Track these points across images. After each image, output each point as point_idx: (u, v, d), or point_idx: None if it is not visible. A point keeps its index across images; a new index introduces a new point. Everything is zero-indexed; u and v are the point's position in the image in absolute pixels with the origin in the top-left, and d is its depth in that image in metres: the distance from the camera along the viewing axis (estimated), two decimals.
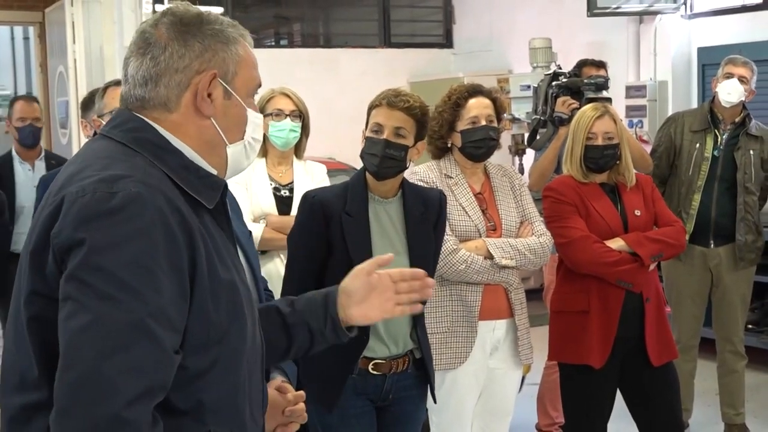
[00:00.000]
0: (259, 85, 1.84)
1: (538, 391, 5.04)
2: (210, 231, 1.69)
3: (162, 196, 1.59)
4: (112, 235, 1.53)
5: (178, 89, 1.71)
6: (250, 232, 2.45)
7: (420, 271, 2.03)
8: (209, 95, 1.72)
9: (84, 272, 1.52)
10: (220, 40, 1.74)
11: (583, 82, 4.91)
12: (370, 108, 3.16)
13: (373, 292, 1.99)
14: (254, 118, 1.82)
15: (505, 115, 3.75)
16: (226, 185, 1.79)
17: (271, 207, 3.93)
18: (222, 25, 1.76)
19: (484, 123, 3.57)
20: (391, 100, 3.09)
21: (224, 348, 1.67)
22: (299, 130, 4.02)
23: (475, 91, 3.62)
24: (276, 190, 4.00)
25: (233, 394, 1.71)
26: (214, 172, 1.76)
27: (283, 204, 3.96)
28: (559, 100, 4.88)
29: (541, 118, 5.12)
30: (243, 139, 1.80)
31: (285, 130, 3.96)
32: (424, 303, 3.17)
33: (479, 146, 3.58)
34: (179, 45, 1.71)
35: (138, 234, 1.54)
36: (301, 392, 2.17)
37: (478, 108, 3.58)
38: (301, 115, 4.03)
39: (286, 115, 3.98)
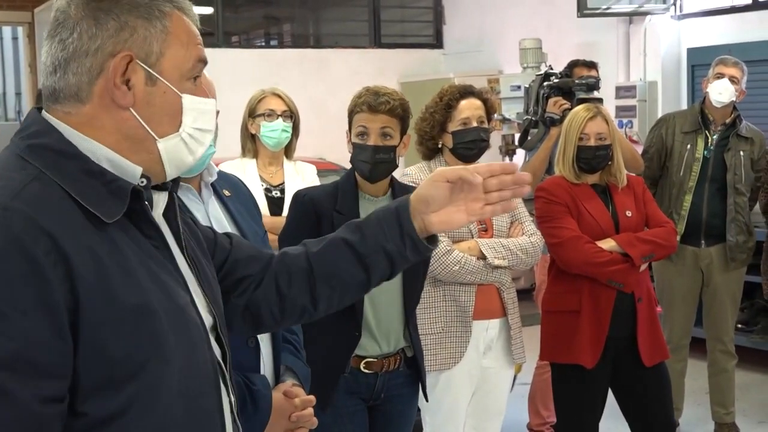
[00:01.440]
0: (203, 62, 1.55)
1: (529, 390, 5.05)
2: (117, 246, 1.42)
3: (24, 222, 1.32)
4: None
5: (88, 76, 1.44)
6: (265, 231, 2.43)
7: (512, 165, 1.79)
8: (127, 82, 1.45)
9: None
10: (141, 15, 1.46)
11: (574, 83, 4.92)
12: (352, 112, 3.15)
13: (456, 195, 1.73)
14: (198, 104, 1.53)
15: (495, 115, 3.76)
16: (138, 190, 1.48)
17: (262, 208, 3.92)
18: None
19: (475, 124, 3.58)
20: (372, 104, 3.07)
21: (141, 383, 1.39)
22: (291, 130, 4.02)
23: (467, 92, 3.62)
24: (267, 191, 3.99)
25: None
26: (139, 171, 1.48)
27: (275, 205, 3.96)
28: (551, 100, 4.89)
29: (533, 118, 5.13)
30: (178, 131, 1.51)
31: (277, 131, 3.96)
32: (417, 300, 3.22)
33: (470, 147, 3.58)
34: (89, 24, 1.44)
35: None
36: (311, 397, 2.14)
37: (469, 109, 3.59)
38: (292, 115, 4.03)
39: (278, 116, 3.98)
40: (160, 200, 1.56)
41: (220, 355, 1.60)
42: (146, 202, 1.49)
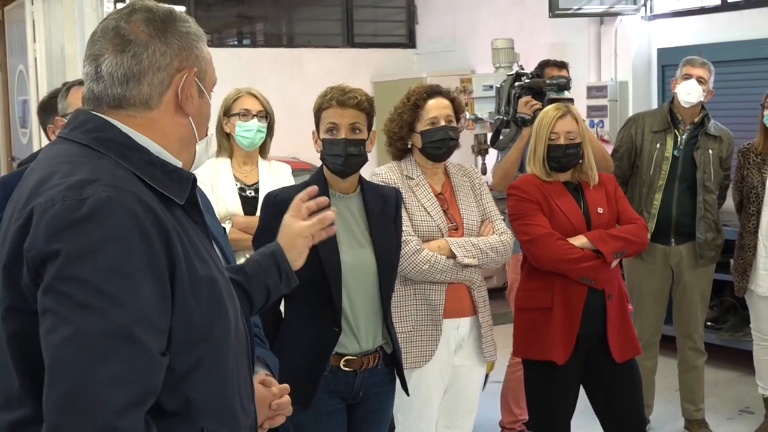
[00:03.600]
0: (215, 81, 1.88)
1: (501, 388, 5.07)
2: (184, 227, 1.67)
3: (133, 198, 1.56)
4: (86, 243, 1.50)
5: (160, 87, 1.71)
6: (224, 228, 2.46)
7: (311, 190, 2.32)
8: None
9: (61, 283, 1.49)
10: (192, 39, 1.76)
11: (545, 83, 4.94)
12: (319, 110, 3.18)
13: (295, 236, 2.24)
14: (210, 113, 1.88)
15: (467, 115, 3.78)
16: (194, 178, 1.77)
17: (236, 207, 3.93)
18: (190, 23, 1.77)
19: (443, 123, 3.60)
20: (340, 99, 3.12)
21: (209, 345, 1.66)
22: (266, 130, 4.02)
23: (434, 91, 3.64)
24: (241, 190, 3.99)
25: (222, 389, 1.71)
26: (180, 164, 1.75)
27: (249, 204, 3.96)
28: (522, 100, 4.90)
29: (504, 118, 5.14)
30: (207, 135, 1.84)
31: (252, 131, 3.95)
32: (389, 300, 3.24)
33: (439, 146, 3.60)
34: (161, 43, 1.70)
35: (112, 239, 1.51)
36: (285, 385, 2.19)
37: (437, 108, 3.61)
38: (267, 115, 4.03)
39: (253, 116, 3.97)
40: None
41: None
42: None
